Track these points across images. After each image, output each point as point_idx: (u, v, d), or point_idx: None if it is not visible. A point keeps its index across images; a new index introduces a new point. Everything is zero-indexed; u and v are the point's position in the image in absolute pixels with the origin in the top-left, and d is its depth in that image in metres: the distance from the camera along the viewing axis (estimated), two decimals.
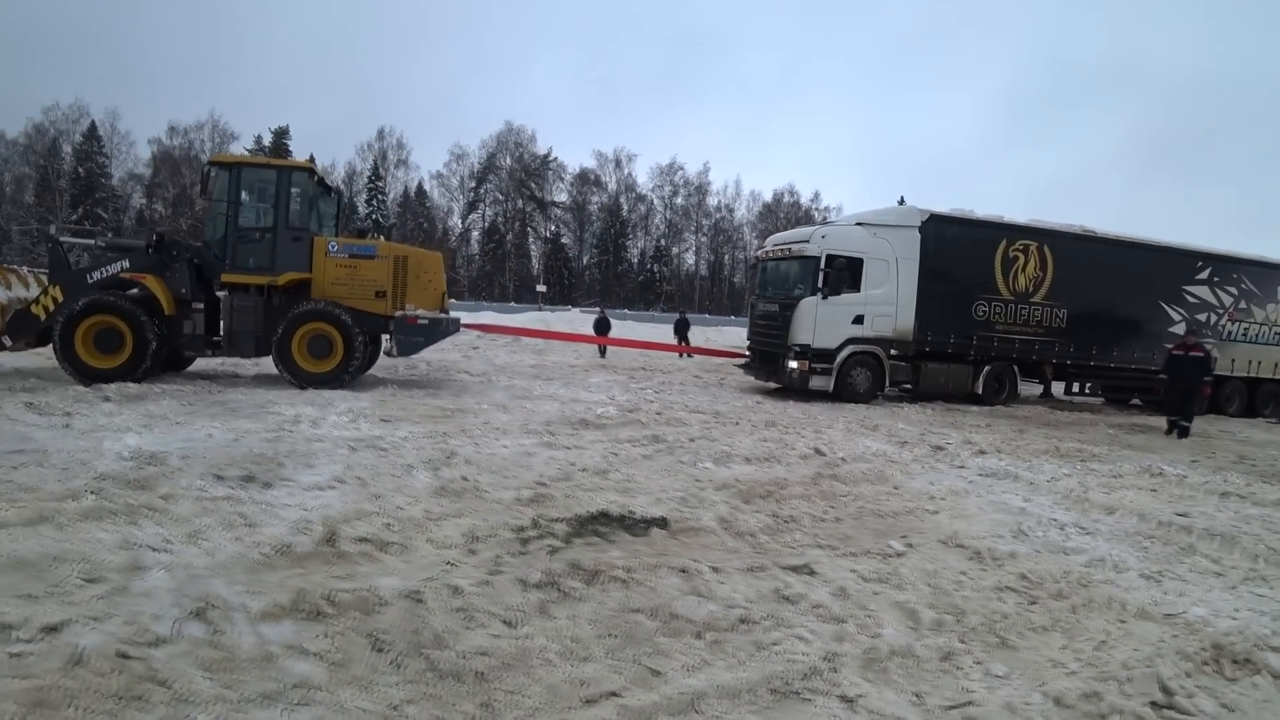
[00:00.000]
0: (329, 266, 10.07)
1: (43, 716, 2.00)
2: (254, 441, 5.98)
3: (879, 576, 3.46)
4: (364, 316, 10.06)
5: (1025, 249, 12.92)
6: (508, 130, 61.50)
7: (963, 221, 12.97)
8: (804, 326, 11.88)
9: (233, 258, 9.85)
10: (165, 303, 9.38)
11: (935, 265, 12.33)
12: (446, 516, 4.17)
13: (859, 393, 12.01)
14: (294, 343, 9.69)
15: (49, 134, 53.65)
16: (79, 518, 3.74)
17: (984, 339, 12.77)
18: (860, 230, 12.43)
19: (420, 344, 10.52)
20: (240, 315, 9.79)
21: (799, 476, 5.61)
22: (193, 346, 9.92)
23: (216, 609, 2.70)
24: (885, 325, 12.16)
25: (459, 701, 2.19)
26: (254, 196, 10.19)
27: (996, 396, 12.98)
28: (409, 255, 10.67)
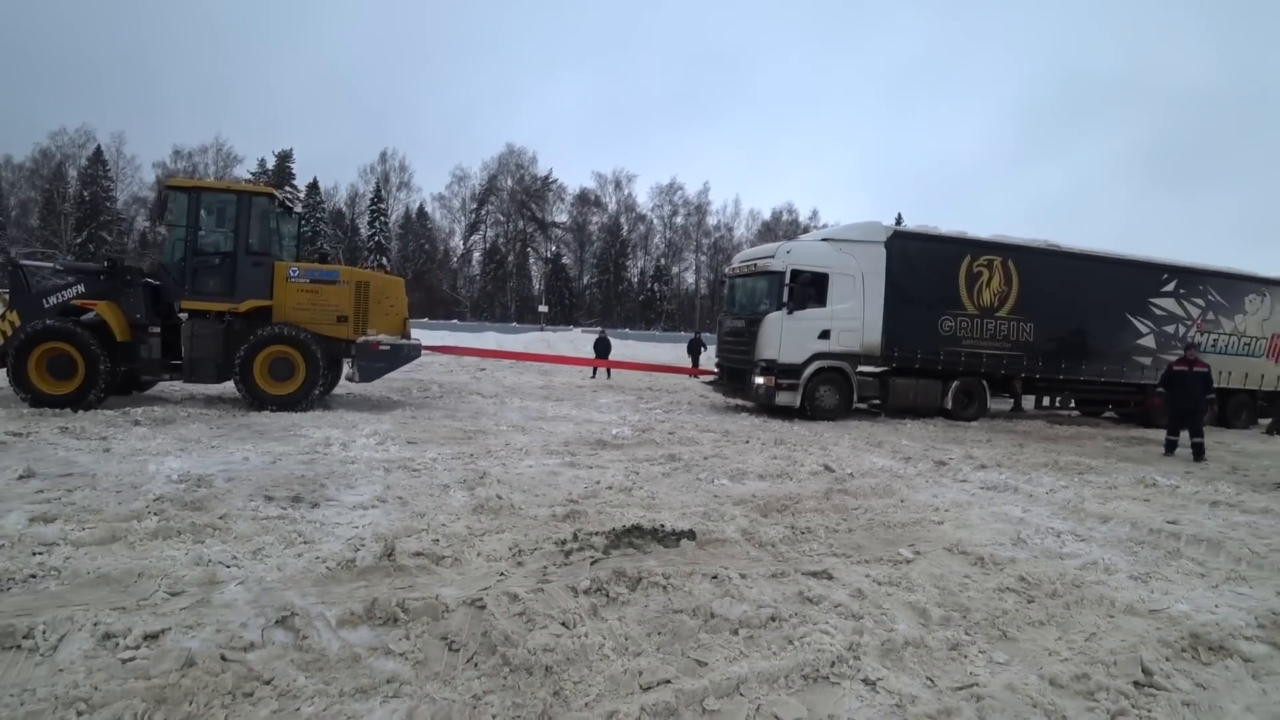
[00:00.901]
0: (290, 291, 10.07)
1: (166, 711, 2.30)
2: (291, 464, 6.30)
3: (891, 580, 3.76)
4: (326, 341, 10.09)
5: (989, 264, 13.06)
6: (509, 152, 62.45)
7: (926, 237, 13.15)
8: (770, 342, 11.91)
9: (192, 283, 9.82)
10: (117, 329, 9.37)
11: (901, 281, 12.45)
12: (489, 532, 4.47)
13: (825, 409, 12.01)
14: (256, 365, 9.70)
15: (55, 158, 54.31)
16: (148, 537, 4.06)
17: (951, 354, 12.85)
18: (826, 246, 12.54)
19: (382, 370, 10.55)
20: (200, 342, 9.75)
21: (811, 491, 5.92)
22: (150, 371, 9.89)
23: (298, 617, 3.01)
24: (852, 340, 12.22)
25: (533, 690, 2.50)
26: (213, 221, 10.11)
27: (966, 411, 13.04)
28: (371, 280, 10.73)
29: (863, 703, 2.52)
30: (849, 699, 2.54)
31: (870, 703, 2.53)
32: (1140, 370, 14.11)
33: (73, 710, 2.27)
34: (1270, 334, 15.32)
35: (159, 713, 2.28)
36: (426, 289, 60.84)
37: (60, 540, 3.91)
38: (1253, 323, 15.13)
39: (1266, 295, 15.29)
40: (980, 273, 13.00)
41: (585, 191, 64.79)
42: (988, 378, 13.26)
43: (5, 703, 2.32)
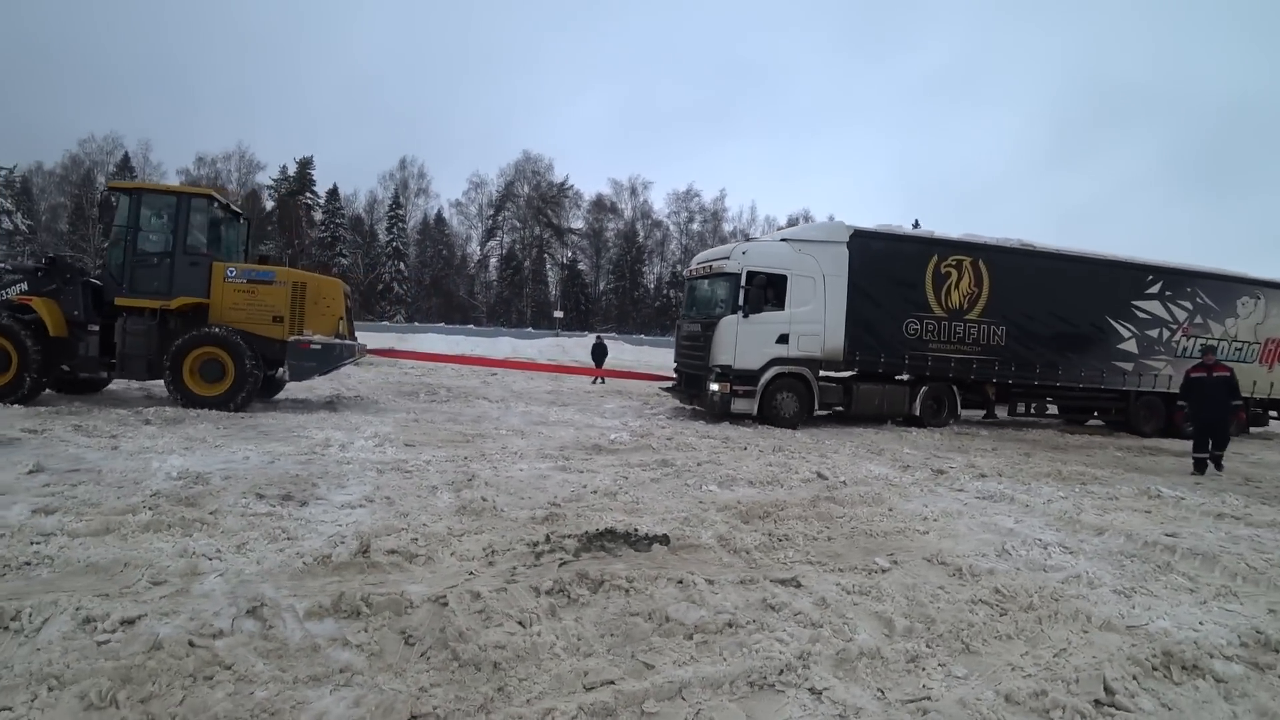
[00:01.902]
0: (227, 291, 10.14)
1: (130, 690, 2.40)
2: (288, 464, 6.44)
3: (861, 589, 3.76)
4: (261, 341, 10.12)
5: (958, 264, 12.60)
6: (525, 159, 63.03)
7: (889, 237, 12.74)
8: (724, 347, 11.50)
9: (130, 282, 9.97)
10: (51, 325, 9.49)
11: (864, 283, 12.09)
12: (468, 533, 4.54)
13: (784, 417, 11.58)
14: (185, 366, 9.75)
15: (84, 165, 55.84)
16: (139, 530, 4.20)
17: (917, 358, 12.43)
18: (784, 246, 12.14)
19: (313, 369, 10.51)
20: (133, 338, 9.83)
21: (798, 499, 5.91)
22: (86, 367, 9.99)
23: (267, 608, 3.10)
24: (812, 345, 11.83)
25: (477, 685, 2.55)
26: (154, 221, 10.27)
27: (936, 418, 12.70)
28: (307, 281, 10.75)
29: (805, 712, 2.52)
30: (792, 707, 2.53)
31: (813, 712, 2.52)
32: (1122, 376, 13.61)
33: (44, 686, 2.39)
34: (1264, 339, 14.67)
35: (123, 691, 2.38)
36: (444, 294, 61.52)
37: (57, 531, 4.07)
38: (1244, 327, 14.51)
39: (1260, 298, 14.65)
40: (949, 273, 12.56)
41: (601, 198, 65.16)
42: (958, 383, 12.84)
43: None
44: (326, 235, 58.32)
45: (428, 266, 61.99)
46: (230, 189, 57.08)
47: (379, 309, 56.69)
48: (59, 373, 10.02)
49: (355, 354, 11.15)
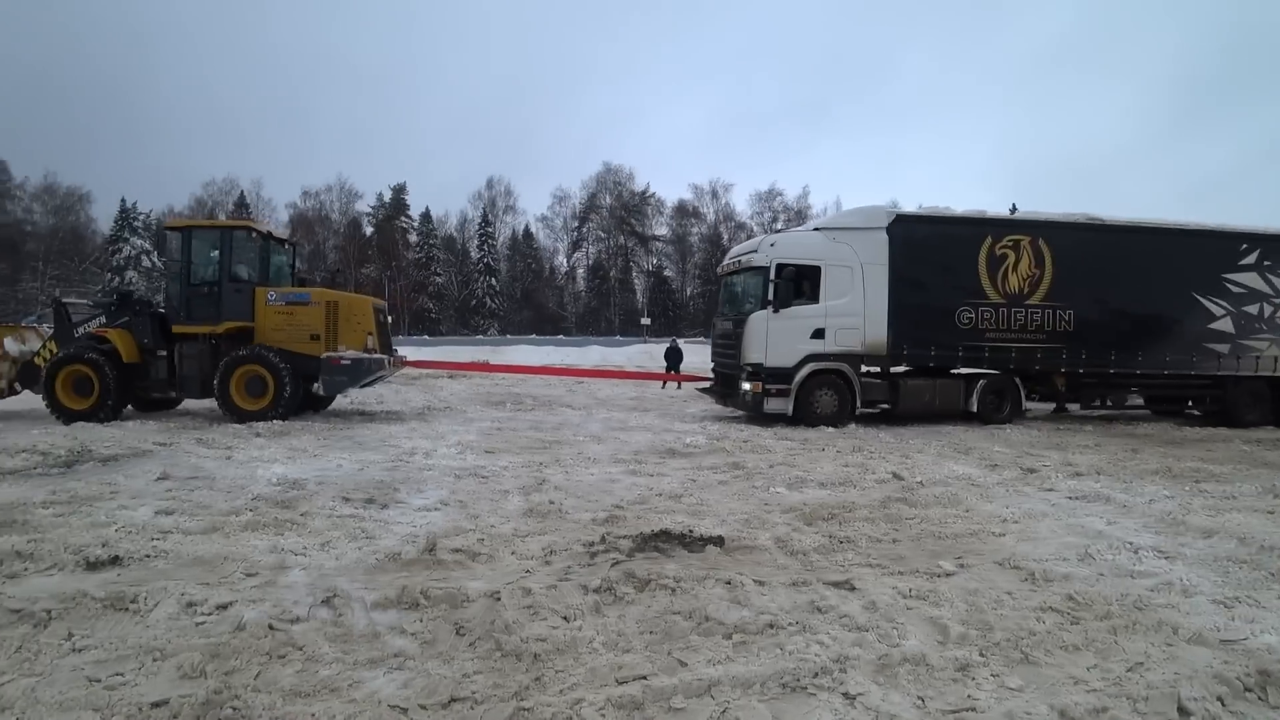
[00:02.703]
0: (269, 314, 10.97)
1: (219, 663, 2.72)
2: (376, 471, 6.91)
3: (919, 594, 3.63)
4: (301, 358, 10.82)
5: (1015, 245, 11.56)
6: (606, 170, 64.24)
7: (935, 220, 11.83)
8: (755, 344, 11.01)
9: (186, 310, 10.99)
10: (125, 353, 10.62)
11: (908, 270, 11.29)
12: (531, 534, 4.74)
13: (823, 415, 10.98)
14: (232, 384, 10.55)
15: (208, 205, 61.58)
16: (240, 529, 4.67)
17: (972, 349, 11.47)
18: (817, 236, 11.54)
19: (345, 383, 11.10)
20: (189, 361, 10.83)
21: (868, 500, 5.76)
22: (157, 389, 11.08)
23: (339, 598, 3.40)
24: (851, 339, 11.14)
25: (515, 674, 2.69)
26: (203, 254, 11.26)
27: (997, 413, 11.74)
28: (340, 300, 11.42)
29: (835, 716, 2.46)
30: (822, 711, 2.49)
31: (844, 717, 2.46)
32: (1216, 360, 12.02)
33: (150, 657, 2.77)
34: None
35: (211, 664, 2.71)
36: (535, 307, 63.44)
37: (174, 529, 4.62)
38: None
39: None
40: (1005, 255, 11.55)
41: (684, 203, 65.35)
42: (1021, 375, 11.82)
43: (105, 648, 2.87)
44: (422, 256, 61.50)
45: (518, 280, 64.15)
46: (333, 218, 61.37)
47: (473, 323, 59.16)
48: (135, 394, 11.16)
49: (386, 367, 11.66)
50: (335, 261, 54.10)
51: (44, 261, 52.81)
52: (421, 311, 59.64)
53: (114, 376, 10.40)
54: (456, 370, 18.88)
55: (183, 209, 62.72)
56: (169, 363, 10.93)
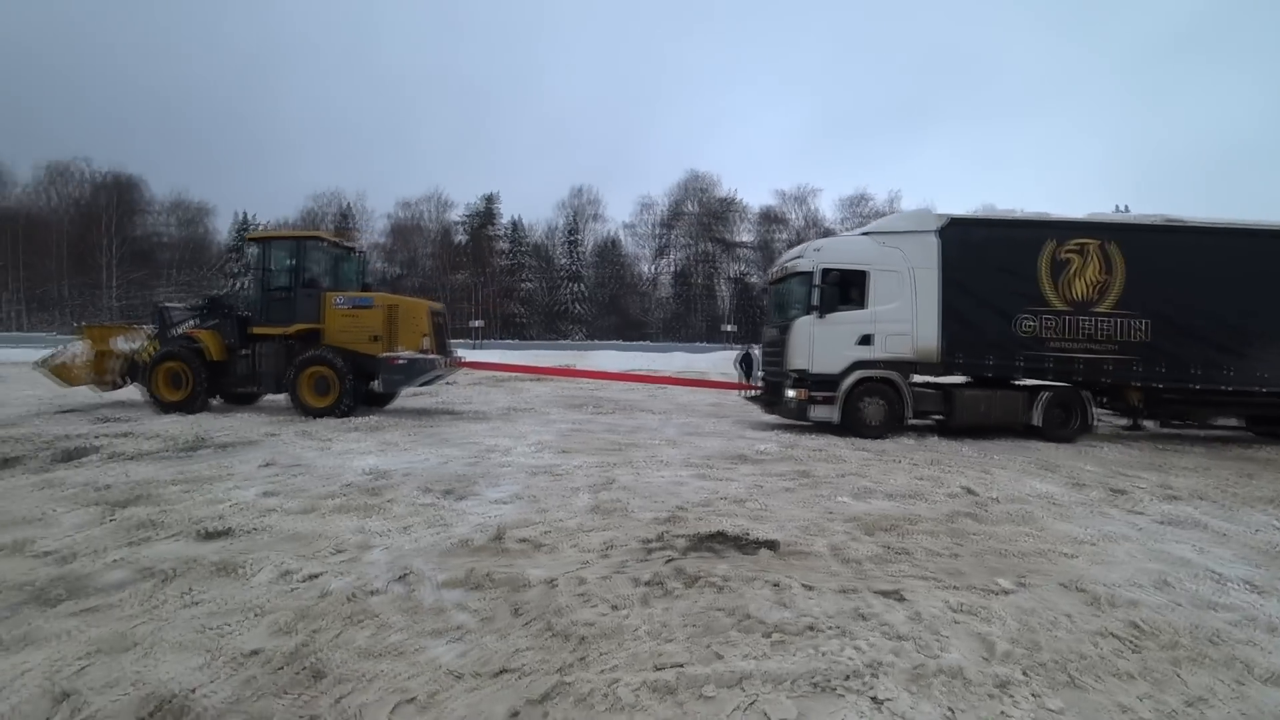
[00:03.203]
0: (336, 316, 11.83)
1: (306, 623, 3.10)
2: (458, 465, 7.36)
3: (969, 608, 3.58)
4: (363, 358, 11.64)
5: (1081, 249, 10.81)
6: (691, 177, 64.42)
7: (992, 223, 11.31)
8: (800, 350, 10.83)
9: (264, 313, 12.04)
10: (213, 351, 11.81)
11: (962, 275, 10.82)
12: (594, 529, 4.97)
13: (871, 425, 10.67)
14: (301, 382, 11.48)
15: (315, 216, 66.17)
16: (332, 511, 5.16)
17: (1034, 359, 10.83)
18: (865, 240, 11.24)
19: (400, 381, 11.82)
20: (265, 359, 11.91)
21: (935, 514, 5.65)
22: (240, 384, 12.23)
23: (413, 576, 3.74)
24: (901, 345, 10.78)
25: (561, 652, 2.91)
26: (278, 262, 12.25)
27: (1063, 428, 10.97)
28: (399, 304, 12.15)
29: (860, 718, 2.52)
30: (848, 711, 2.55)
31: (868, 719, 2.53)
32: None
33: (250, 614, 3.20)
34: None
35: (299, 624, 3.11)
36: (620, 312, 64.33)
37: (275, 509, 5.17)
38: None
39: None
40: (1069, 260, 10.87)
41: (768, 209, 64.64)
42: (1089, 387, 11.04)
43: (214, 603, 3.33)
44: (511, 263, 63.73)
45: (604, 287, 65.28)
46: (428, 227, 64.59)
47: (560, 328, 60.70)
48: (222, 388, 12.36)
49: (440, 367, 12.36)
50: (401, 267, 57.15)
51: (175, 269, 58.41)
52: (510, 316, 61.76)
53: (203, 372, 11.69)
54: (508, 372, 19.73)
55: (293, 220, 67.85)
56: (250, 361, 12.08)
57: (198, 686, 2.51)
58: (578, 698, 2.55)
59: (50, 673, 2.61)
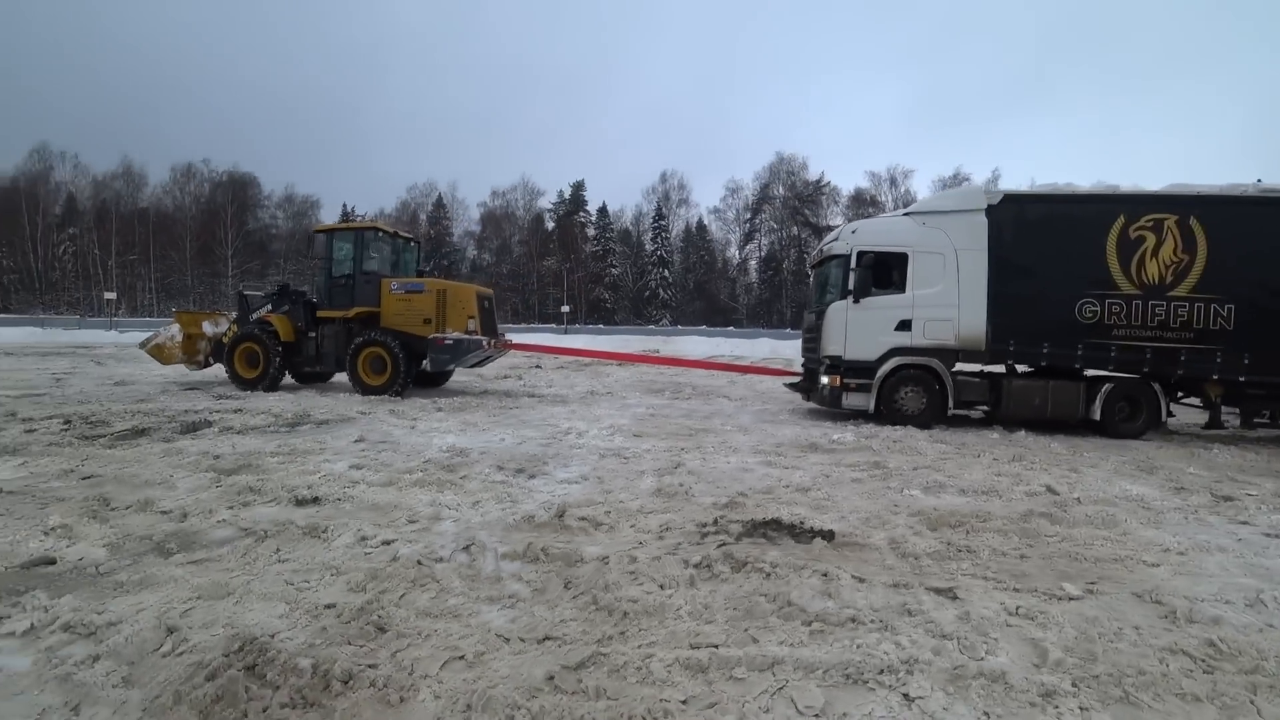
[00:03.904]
0: (392, 301, 12.71)
1: (375, 583, 3.41)
2: (531, 446, 7.69)
3: (1027, 612, 3.45)
4: (415, 340, 12.42)
5: (1157, 226, 9.77)
6: (779, 160, 63.16)
7: (1053, 198, 10.40)
8: (834, 336, 10.51)
9: (328, 299, 13.15)
10: (283, 333, 12.90)
11: (1015, 256, 10.10)
12: (654, 512, 5.11)
13: (910, 415, 10.22)
14: (359, 362, 12.40)
15: (410, 207, 69.51)
16: (410, 485, 5.56)
17: (1095, 348, 9.94)
18: (905, 221, 10.65)
19: (447, 360, 12.60)
20: (329, 341, 13.01)
21: (1008, 512, 5.42)
22: (308, 364, 13.31)
23: (476, 547, 4.01)
24: (943, 331, 10.22)
25: (604, 625, 3.07)
26: (341, 252, 13.23)
27: (1129, 424, 10.07)
28: (447, 288, 12.95)
29: (889, 713, 2.50)
30: (875, 705, 2.54)
31: (896, 716, 2.49)
32: None
33: (328, 573, 3.56)
34: None
35: (370, 583, 3.43)
36: (707, 298, 64.08)
37: (361, 481, 5.62)
38: None
39: None
40: (1142, 238, 9.87)
41: (860, 191, 62.40)
42: (1159, 380, 10.07)
43: (299, 562, 3.73)
44: (599, 249, 64.60)
45: (690, 272, 65.16)
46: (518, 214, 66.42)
47: (646, 314, 61.14)
48: (293, 368, 13.54)
49: (487, 348, 13.19)
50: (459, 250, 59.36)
51: (284, 259, 63.03)
52: (598, 302, 62.78)
53: (275, 353, 12.79)
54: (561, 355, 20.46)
55: (391, 211, 71.78)
56: (316, 342, 13.20)
57: (278, 632, 2.84)
58: (612, 668, 2.69)
59: (161, 611, 3.03)
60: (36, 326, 33.16)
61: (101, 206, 61.95)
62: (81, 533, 4.16)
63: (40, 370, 16.04)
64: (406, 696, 2.45)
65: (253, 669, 2.49)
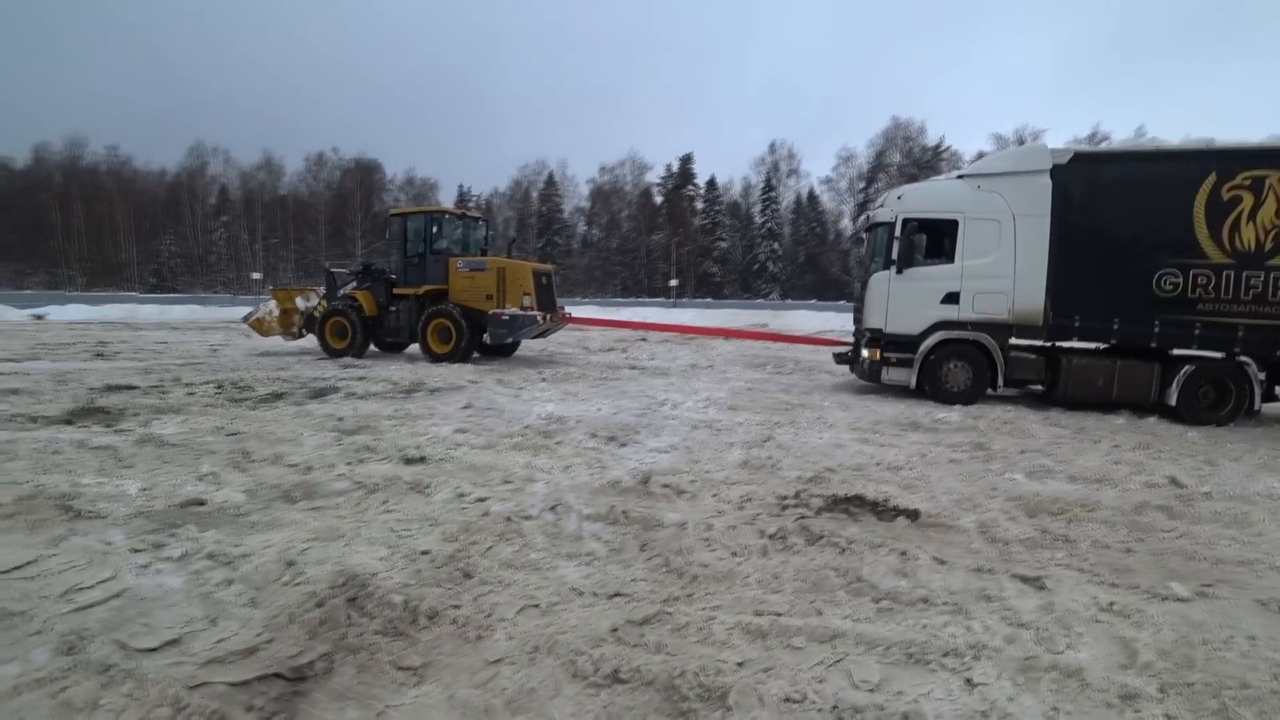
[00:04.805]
0: (459, 278, 13.86)
1: (466, 535, 3.74)
2: (627, 416, 7.92)
3: (1122, 610, 3.24)
4: (478, 313, 13.57)
5: (1258, 184, 8.57)
6: (894, 125, 59.60)
7: (1131, 156, 9.31)
8: (876, 307, 10.01)
9: (403, 277, 14.39)
10: (367, 308, 14.22)
11: (1085, 223, 9.16)
12: (738, 483, 5.19)
13: (953, 391, 9.68)
14: (429, 332, 13.58)
15: (523, 185, 71.67)
16: (508, 448, 5.93)
17: (1176, 324, 8.97)
18: (958, 185, 9.82)
19: (504, 334, 13.53)
20: (404, 314, 14.19)
21: (1120, 503, 5.04)
22: (389, 335, 14.51)
23: (562, 507, 4.27)
24: (995, 304, 9.51)
25: (672, 586, 3.23)
26: (415, 233, 14.37)
27: (1213, 411, 8.99)
28: (506, 267, 13.89)
29: (947, 696, 2.45)
30: (934, 687, 2.50)
31: (955, 700, 2.43)
32: None
33: (428, 523, 3.93)
34: None
35: (461, 534, 3.77)
36: (818, 271, 62.16)
37: (463, 444, 6.07)
38: None
39: None
40: (1238, 199, 8.69)
41: (983, 155, 57.91)
42: (1258, 360, 8.91)
43: (403, 513, 4.13)
44: (707, 222, 64.02)
45: (801, 245, 63.36)
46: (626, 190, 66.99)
47: (755, 287, 60.21)
48: (376, 339, 14.72)
49: (542, 322, 13.86)
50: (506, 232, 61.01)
51: None
52: (706, 275, 62.46)
53: (360, 325, 14.12)
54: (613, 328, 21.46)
55: (504, 190, 74.52)
56: (395, 315, 14.40)
57: (378, 571, 3.20)
58: (674, 627, 2.83)
59: (284, 548, 3.49)
60: (198, 304, 37.30)
61: (248, 196, 69.49)
62: (226, 480, 4.82)
63: (200, 342, 18.14)
64: (483, 635, 2.72)
65: (353, 600, 2.86)
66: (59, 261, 63.89)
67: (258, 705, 2.25)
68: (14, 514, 3.90)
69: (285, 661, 2.48)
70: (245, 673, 2.40)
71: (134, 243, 66.40)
